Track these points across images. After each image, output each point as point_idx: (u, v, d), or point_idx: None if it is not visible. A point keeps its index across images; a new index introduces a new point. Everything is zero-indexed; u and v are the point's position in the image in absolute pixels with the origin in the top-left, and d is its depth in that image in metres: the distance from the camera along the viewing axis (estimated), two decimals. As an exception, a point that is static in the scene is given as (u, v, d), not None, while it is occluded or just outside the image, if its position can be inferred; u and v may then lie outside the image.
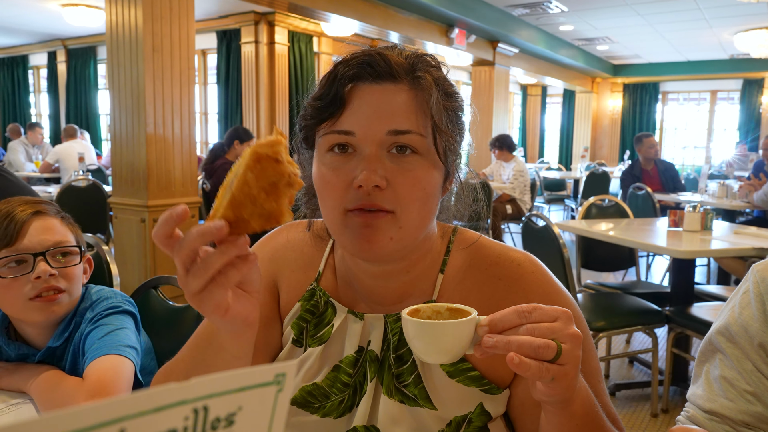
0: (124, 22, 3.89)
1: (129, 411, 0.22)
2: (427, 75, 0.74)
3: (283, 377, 0.28)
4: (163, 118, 3.95)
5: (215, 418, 0.25)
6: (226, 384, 0.26)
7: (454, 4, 6.50)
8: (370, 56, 0.72)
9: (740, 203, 4.72)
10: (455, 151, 0.79)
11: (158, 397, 0.23)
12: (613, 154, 12.50)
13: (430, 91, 0.73)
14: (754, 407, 0.69)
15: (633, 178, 5.40)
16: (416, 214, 0.73)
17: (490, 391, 0.76)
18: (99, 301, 1.12)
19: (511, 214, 6.00)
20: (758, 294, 0.73)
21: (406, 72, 0.73)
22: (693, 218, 2.97)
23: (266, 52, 7.21)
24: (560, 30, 8.60)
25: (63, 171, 6.38)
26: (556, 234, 2.65)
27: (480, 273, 0.81)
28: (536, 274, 0.80)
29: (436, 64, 0.78)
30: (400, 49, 0.77)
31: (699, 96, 11.90)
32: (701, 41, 9.16)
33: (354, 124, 0.71)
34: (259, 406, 0.27)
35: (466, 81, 11.16)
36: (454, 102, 0.77)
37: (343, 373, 0.80)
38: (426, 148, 0.72)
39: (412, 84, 0.73)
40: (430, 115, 0.73)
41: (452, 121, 0.77)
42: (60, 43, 9.31)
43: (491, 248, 0.83)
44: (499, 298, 0.79)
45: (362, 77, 0.72)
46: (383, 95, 0.72)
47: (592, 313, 2.70)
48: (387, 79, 0.72)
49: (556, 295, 0.78)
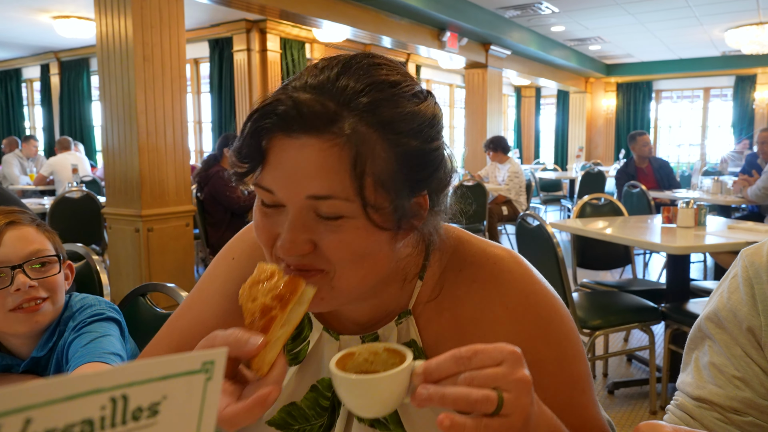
0: (114, 32, 3.89)
1: (35, 399, 0.21)
2: (364, 121, 0.59)
3: (212, 365, 0.26)
4: (156, 127, 3.94)
5: (136, 407, 0.24)
6: (148, 372, 0.24)
7: (445, 7, 6.51)
8: (281, 105, 0.60)
9: (735, 198, 4.72)
10: (414, 191, 0.64)
11: (70, 384, 0.22)
12: (608, 153, 12.52)
13: (365, 143, 0.59)
14: (743, 393, 0.69)
15: (628, 176, 5.41)
16: (352, 275, 0.63)
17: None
18: (82, 309, 1.11)
19: (507, 216, 5.99)
20: (747, 278, 0.73)
21: (329, 122, 0.59)
22: (686, 214, 2.97)
23: (258, 60, 7.22)
24: (552, 31, 8.62)
25: (57, 183, 6.37)
26: (549, 233, 2.64)
27: (454, 275, 0.73)
28: (514, 273, 0.72)
29: (389, 95, 0.62)
30: (337, 80, 0.61)
31: (692, 93, 11.93)
32: (693, 39, 9.19)
33: (273, 184, 0.61)
34: (186, 396, 0.26)
35: (460, 84, 11.18)
36: (415, 138, 0.62)
37: (321, 396, 0.75)
38: (358, 212, 0.60)
39: (335, 135, 0.59)
40: (363, 173, 0.59)
41: (413, 162, 0.62)
42: (53, 56, 9.31)
43: (470, 245, 0.75)
44: (475, 303, 0.71)
45: (277, 129, 0.60)
46: (300, 153, 0.59)
47: (589, 312, 2.70)
48: (305, 132, 0.59)
49: (536, 296, 0.72)
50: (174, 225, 4.07)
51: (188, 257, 4.19)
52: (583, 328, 2.61)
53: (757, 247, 0.75)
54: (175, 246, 4.07)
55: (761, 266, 0.72)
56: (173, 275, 4.01)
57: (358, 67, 0.62)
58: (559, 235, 6.59)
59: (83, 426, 0.23)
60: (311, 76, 0.62)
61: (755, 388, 0.68)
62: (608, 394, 2.93)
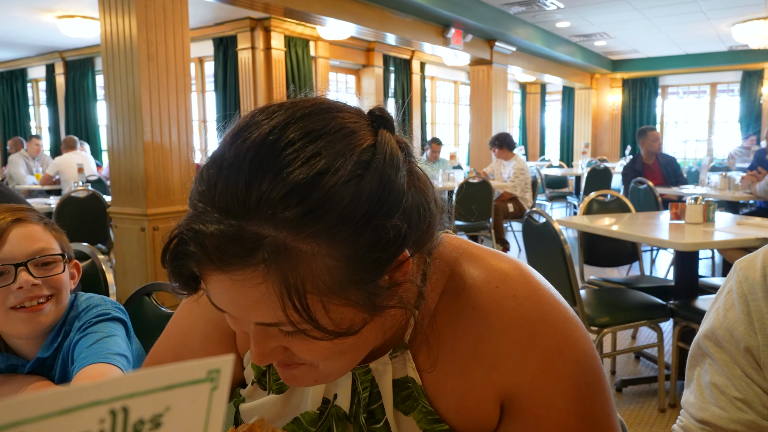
0: (119, 31, 3.89)
1: (30, 413, 0.20)
2: (289, 240, 0.49)
3: (218, 374, 0.25)
4: (160, 126, 3.94)
5: (138, 420, 0.23)
6: (150, 382, 0.23)
7: (450, 3, 6.49)
8: (186, 245, 0.50)
9: (743, 194, 4.69)
10: (381, 272, 0.53)
11: (67, 397, 0.21)
12: (614, 149, 12.46)
13: (290, 266, 0.49)
14: (746, 415, 0.66)
15: (635, 172, 5.37)
16: (337, 363, 0.59)
17: None
18: (88, 308, 1.10)
19: (513, 213, 5.98)
20: (741, 294, 0.69)
21: (244, 257, 0.49)
22: (695, 210, 2.94)
23: (263, 58, 7.21)
24: (557, 27, 8.58)
25: (63, 182, 6.39)
26: (556, 230, 2.62)
27: (453, 301, 0.64)
28: (519, 297, 0.62)
29: (317, 198, 0.48)
30: (247, 191, 0.49)
31: (699, 89, 11.86)
32: (699, 34, 9.13)
33: (221, 307, 0.54)
34: (190, 406, 0.24)
35: (465, 81, 11.15)
36: (362, 230, 0.50)
37: (302, 429, 0.69)
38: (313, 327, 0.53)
39: (257, 267, 0.49)
40: (302, 297, 0.50)
41: (368, 254, 0.51)
42: (58, 56, 9.33)
43: (471, 262, 0.65)
44: (475, 336, 0.62)
45: (192, 267, 0.52)
46: (230, 286, 0.50)
47: (596, 309, 2.68)
48: (220, 271, 0.50)
49: (544, 324, 0.62)
50: (179, 224, 4.07)
51: (194, 256, 4.19)
52: (591, 325, 2.60)
53: (750, 259, 0.71)
54: (181, 245, 4.07)
55: (756, 281, 0.68)
56: (179, 274, 4.01)
57: (270, 162, 0.49)
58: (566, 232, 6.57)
59: None
60: (215, 180, 0.51)
61: (758, 410, 0.66)
62: (616, 391, 2.91)
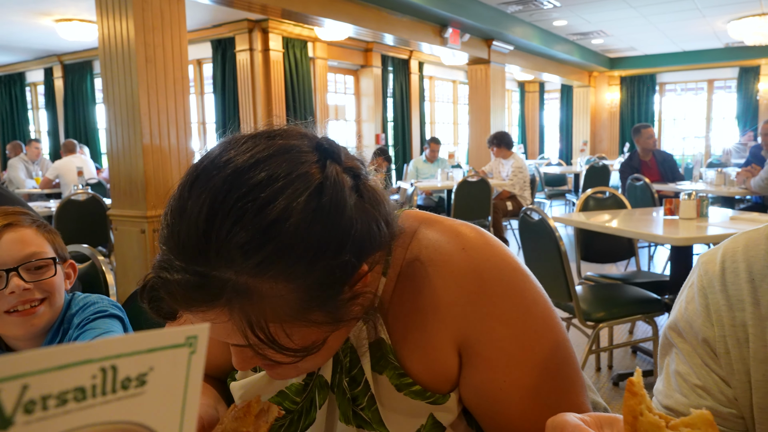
0: (116, 34, 3.92)
1: (31, 367, 0.23)
2: (250, 283, 0.54)
3: (195, 339, 0.28)
4: (159, 128, 3.97)
5: (125, 377, 0.26)
6: (135, 344, 0.26)
7: (447, 3, 6.51)
8: (156, 292, 0.57)
9: (738, 190, 4.71)
10: (339, 292, 0.59)
11: (62, 355, 0.24)
12: (613, 147, 12.49)
13: (252, 302, 0.55)
14: (705, 402, 0.69)
15: (632, 169, 5.40)
16: (317, 358, 0.64)
17: (437, 401, 0.70)
18: (86, 306, 1.12)
19: (511, 211, 6.00)
20: (701, 288, 0.71)
21: (202, 299, 0.55)
22: (688, 206, 2.97)
23: (261, 60, 7.24)
24: (554, 25, 8.61)
25: (63, 186, 6.42)
26: (552, 227, 2.65)
27: (414, 263, 0.69)
28: (469, 249, 0.68)
29: (275, 246, 0.53)
30: (207, 242, 0.54)
31: (696, 86, 11.88)
32: (695, 31, 9.15)
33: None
34: (171, 368, 0.27)
35: (463, 80, 11.17)
36: (318, 263, 0.55)
37: (288, 400, 0.74)
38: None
39: (221, 307, 0.55)
40: (265, 328, 0.56)
41: (325, 282, 0.56)
42: (56, 59, 9.36)
43: (430, 228, 0.71)
44: (433, 288, 0.67)
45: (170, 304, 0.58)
46: (203, 318, 0.57)
47: (592, 305, 2.71)
48: (188, 309, 0.57)
49: (491, 272, 0.67)
50: (179, 225, 4.09)
51: (194, 257, 4.21)
52: (587, 320, 2.62)
53: (711, 253, 0.73)
54: (181, 246, 4.10)
55: (714, 275, 0.71)
56: (179, 275, 4.04)
57: (226, 213, 0.54)
58: (565, 229, 6.60)
59: (76, 393, 0.25)
60: (179, 232, 0.55)
61: (716, 397, 0.69)
62: (613, 385, 2.94)
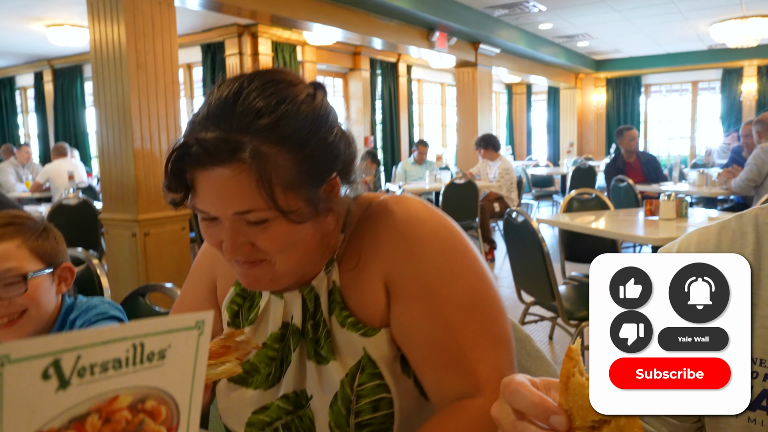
0: (108, 39, 3.97)
1: (83, 342, 0.31)
2: (263, 141, 0.70)
3: (203, 323, 0.37)
4: (150, 133, 4.02)
5: (150, 352, 0.34)
6: (158, 326, 0.35)
7: (434, 7, 6.60)
8: (191, 147, 0.71)
9: (719, 190, 4.83)
10: (322, 181, 0.76)
11: (105, 334, 0.32)
12: (599, 148, 12.64)
13: (262, 162, 0.70)
14: None
15: (616, 170, 5.51)
16: (289, 259, 0.77)
17: (367, 333, 0.80)
18: (88, 309, 1.18)
19: (499, 212, 6.09)
20: None
21: (232, 152, 0.70)
22: (668, 207, 3.07)
23: (251, 63, 7.28)
24: (540, 29, 8.72)
25: (54, 190, 6.43)
26: (535, 228, 2.73)
27: (364, 221, 0.85)
28: (402, 204, 0.83)
29: (283, 111, 0.71)
30: (234, 105, 0.71)
31: (681, 87, 12.05)
32: (679, 33, 9.30)
33: (204, 207, 0.74)
34: (185, 345, 0.36)
35: (451, 82, 11.27)
36: (311, 139, 0.73)
37: (269, 348, 0.86)
38: (278, 215, 0.72)
39: (240, 161, 0.70)
40: (271, 186, 0.71)
41: (314, 160, 0.74)
42: (46, 63, 9.36)
43: (384, 197, 0.86)
44: (371, 235, 0.82)
45: (193, 165, 0.72)
46: (217, 180, 0.71)
47: (575, 304, 2.79)
48: (214, 164, 0.70)
49: (416, 219, 0.81)
50: (170, 229, 4.15)
51: (185, 260, 4.27)
52: (570, 319, 2.71)
53: (668, 248, 0.77)
54: (172, 250, 4.15)
55: None
56: (170, 278, 4.08)
57: (251, 88, 0.72)
58: (552, 230, 6.68)
59: (114, 363, 0.33)
60: (212, 105, 0.73)
61: None
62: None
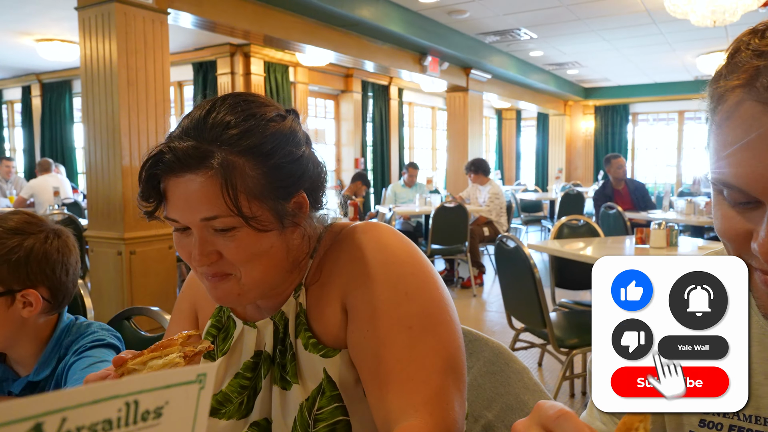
0: (99, 56, 3.94)
1: (70, 402, 0.27)
2: (231, 151, 0.74)
3: (204, 376, 0.33)
4: (139, 150, 3.97)
5: (145, 410, 0.30)
6: (155, 382, 0.31)
7: (427, 33, 6.66)
8: (161, 153, 0.75)
9: (707, 219, 4.85)
10: (288, 194, 0.79)
11: (95, 391, 0.28)
12: (587, 174, 12.75)
13: (228, 170, 0.73)
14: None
15: (605, 197, 5.54)
16: (255, 272, 0.78)
17: (327, 354, 0.81)
18: (84, 335, 1.14)
19: (488, 236, 6.08)
20: None
21: (197, 159, 0.74)
22: (658, 235, 3.07)
23: (242, 83, 7.29)
24: (531, 56, 8.83)
25: (38, 205, 6.33)
26: (526, 254, 2.71)
27: (332, 248, 0.86)
28: (367, 232, 0.84)
29: (251, 125, 0.76)
30: (207, 117, 0.76)
31: (668, 116, 12.23)
32: (666, 64, 9.46)
33: (175, 215, 0.76)
34: (184, 402, 0.32)
35: (442, 107, 11.35)
36: (277, 154, 0.76)
37: (241, 377, 0.87)
38: (243, 222, 0.75)
39: (208, 168, 0.73)
40: (236, 193, 0.73)
41: (279, 173, 0.77)
42: (34, 78, 9.30)
43: (355, 226, 0.87)
44: (335, 260, 0.84)
45: (165, 173, 0.75)
46: (187, 187, 0.74)
47: (566, 331, 2.76)
48: (184, 170, 0.74)
49: (377, 243, 0.82)
50: (157, 248, 4.08)
51: (171, 280, 4.19)
52: (561, 347, 2.68)
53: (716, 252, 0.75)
54: (158, 268, 4.08)
55: None
56: (156, 298, 4.01)
57: (223, 105, 0.77)
58: (541, 256, 6.68)
59: (104, 424, 0.29)
60: (187, 120, 0.78)
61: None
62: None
